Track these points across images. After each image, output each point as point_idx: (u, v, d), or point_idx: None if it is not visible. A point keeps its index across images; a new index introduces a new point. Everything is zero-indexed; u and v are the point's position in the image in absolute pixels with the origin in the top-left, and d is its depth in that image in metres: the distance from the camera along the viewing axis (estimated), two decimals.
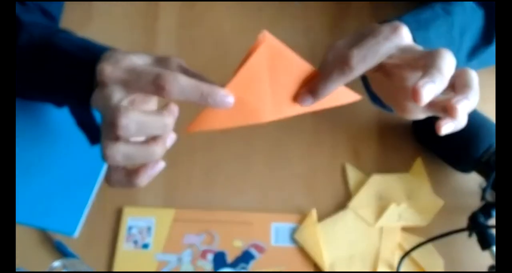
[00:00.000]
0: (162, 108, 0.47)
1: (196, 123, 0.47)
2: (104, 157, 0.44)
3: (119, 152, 0.44)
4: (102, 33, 0.78)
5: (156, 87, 0.43)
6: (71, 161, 0.68)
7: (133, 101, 0.46)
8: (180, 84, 0.44)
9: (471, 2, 0.63)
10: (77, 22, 0.79)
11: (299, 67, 0.49)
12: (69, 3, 0.77)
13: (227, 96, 0.45)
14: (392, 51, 0.49)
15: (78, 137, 0.69)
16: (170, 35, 0.78)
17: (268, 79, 0.47)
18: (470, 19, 0.62)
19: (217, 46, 0.77)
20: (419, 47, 0.50)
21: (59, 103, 0.60)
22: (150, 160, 0.46)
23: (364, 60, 0.48)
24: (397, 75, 0.52)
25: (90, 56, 0.52)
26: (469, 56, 0.63)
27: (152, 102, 0.50)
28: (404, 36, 0.49)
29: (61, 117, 0.71)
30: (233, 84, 0.46)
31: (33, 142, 0.69)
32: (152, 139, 0.46)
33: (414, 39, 0.54)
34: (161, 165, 0.48)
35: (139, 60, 0.47)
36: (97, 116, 0.57)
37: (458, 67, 0.62)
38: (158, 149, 0.46)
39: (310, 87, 0.49)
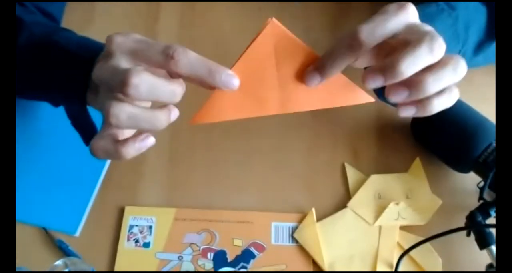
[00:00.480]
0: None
1: (200, 114, 0.46)
2: (106, 115, 0.43)
3: (125, 111, 0.43)
4: (103, 34, 0.78)
5: (165, 56, 0.43)
6: (72, 160, 0.69)
7: None
8: (190, 56, 0.43)
9: (474, 1, 0.63)
10: (78, 23, 0.79)
11: (307, 56, 0.47)
12: (70, 4, 0.78)
13: (233, 76, 0.45)
14: (400, 27, 0.46)
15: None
16: (170, 35, 0.78)
17: (275, 67, 0.46)
18: (474, 15, 0.62)
19: (218, 46, 0.77)
20: (426, 27, 0.47)
21: (56, 102, 0.59)
22: (152, 128, 0.44)
23: (373, 34, 0.45)
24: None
25: (88, 53, 0.51)
26: (475, 51, 0.63)
27: None
28: (411, 13, 0.47)
29: (63, 116, 0.71)
30: (237, 68, 0.45)
31: (34, 140, 0.70)
32: (158, 107, 0.45)
33: None
34: (151, 140, 0.46)
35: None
36: (93, 116, 0.58)
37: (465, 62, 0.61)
38: (163, 117, 0.45)
39: (317, 64, 0.46)
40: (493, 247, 0.56)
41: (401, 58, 0.43)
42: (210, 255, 0.63)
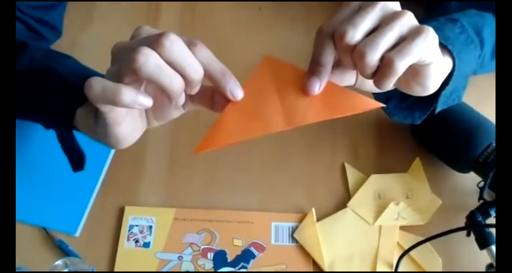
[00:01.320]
0: None
1: (205, 142, 0.47)
2: (134, 60, 0.42)
3: (154, 59, 0.42)
4: (103, 34, 0.79)
5: (189, 42, 0.44)
6: None
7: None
8: (206, 51, 0.45)
9: (473, 9, 0.63)
10: (79, 23, 0.79)
11: (303, 78, 0.48)
12: (71, 4, 0.78)
13: (239, 85, 0.46)
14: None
15: (81, 135, 0.70)
16: None
17: (276, 92, 0.48)
18: (480, 20, 0.61)
19: (218, 46, 0.76)
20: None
21: (47, 126, 0.59)
22: (169, 87, 0.43)
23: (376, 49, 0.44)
24: None
25: (82, 82, 0.49)
26: (492, 55, 0.62)
27: None
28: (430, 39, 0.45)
29: None
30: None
31: (34, 140, 0.70)
32: None
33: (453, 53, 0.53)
34: (149, 102, 0.44)
35: None
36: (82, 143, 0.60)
37: (484, 65, 0.61)
38: (179, 83, 0.44)
39: (310, 69, 0.47)
40: (493, 247, 0.56)
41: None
42: (210, 255, 0.63)
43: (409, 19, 0.44)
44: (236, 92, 0.47)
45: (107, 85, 0.43)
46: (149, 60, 0.42)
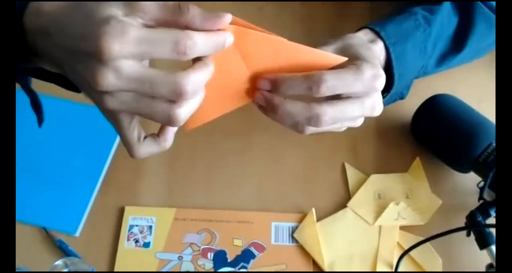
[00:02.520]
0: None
1: (190, 120, 0.46)
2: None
3: (134, 33, 0.39)
4: None
5: (177, 53, 0.40)
6: (72, 160, 0.69)
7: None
8: (199, 44, 0.41)
9: (449, 7, 0.64)
10: None
11: (271, 43, 0.48)
12: None
13: (230, 36, 0.44)
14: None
15: (81, 135, 0.70)
16: None
17: (242, 61, 0.47)
18: (445, 29, 0.63)
19: None
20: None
21: None
22: (175, 47, 0.40)
23: (334, 91, 0.49)
24: None
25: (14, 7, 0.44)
26: (438, 63, 0.65)
27: None
28: (379, 86, 0.51)
29: (63, 116, 0.71)
30: None
31: (34, 140, 0.70)
32: None
33: (390, 53, 0.56)
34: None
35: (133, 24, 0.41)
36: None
37: (427, 73, 0.65)
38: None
39: (273, 79, 0.49)
40: (493, 247, 0.56)
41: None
42: (210, 255, 0.63)
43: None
44: (230, 43, 0.44)
45: (153, 151, 0.46)
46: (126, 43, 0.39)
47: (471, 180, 0.64)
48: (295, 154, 0.70)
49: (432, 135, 0.66)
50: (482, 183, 0.60)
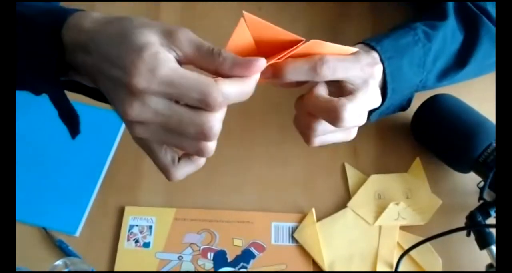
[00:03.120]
0: None
1: None
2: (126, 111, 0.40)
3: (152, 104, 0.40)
4: None
5: (205, 105, 0.40)
6: (72, 160, 0.69)
7: None
8: (227, 96, 0.41)
9: (455, 23, 0.64)
10: None
11: (285, 39, 0.48)
12: (70, 4, 0.78)
13: (261, 65, 0.43)
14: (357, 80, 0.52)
15: (81, 135, 0.70)
16: None
17: (256, 53, 0.47)
18: (448, 45, 0.63)
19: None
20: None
21: (33, 86, 0.51)
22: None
23: (334, 74, 0.50)
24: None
25: (54, 20, 0.44)
26: (439, 78, 0.64)
27: None
28: (376, 75, 0.53)
29: None
30: None
31: (34, 140, 0.70)
32: None
33: (385, 68, 0.57)
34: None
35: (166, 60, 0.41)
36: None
37: (427, 88, 0.65)
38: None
39: (276, 65, 0.49)
40: (493, 247, 0.56)
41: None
42: (210, 255, 0.63)
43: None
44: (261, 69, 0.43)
45: (190, 171, 0.47)
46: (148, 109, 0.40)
47: (471, 180, 0.64)
48: (295, 154, 0.70)
49: (432, 135, 0.66)
50: (482, 183, 0.60)
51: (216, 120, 0.41)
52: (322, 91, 0.52)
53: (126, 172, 0.69)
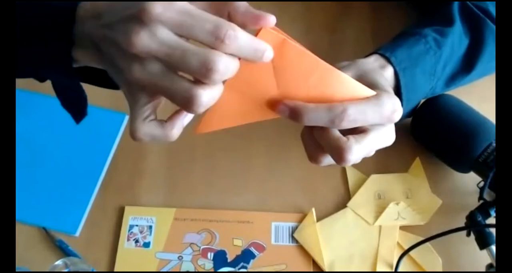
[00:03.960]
0: None
1: (203, 124, 0.45)
2: (132, 39, 0.38)
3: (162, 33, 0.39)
4: None
5: (215, 38, 0.39)
6: (72, 160, 0.69)
7: None
8: (240, 40, 0.39)
9: (461, 28, 0.64)
10: None
11: (308, 60, 0.45)
12: None
13: (271, 50, 0.41)
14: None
15: (81, 135, 0.70)
16: None
17: (272, 73, 0.44)
18: (456, 51, 0.63)
19: None
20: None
21: (39, 73, 0.50)
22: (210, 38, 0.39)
23: (355, 122, 0.47)
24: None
25: (68, 2, 0.44)
26: (448, 83, 0.65)
27: None
28: (396, 118, 0.50)
29: (63, 115, 0.71)
30: (235, 75, 0.42)
31: (34, 140, 0.70)
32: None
33: (400, 79, 0.56)
34: (190, 115, 0.44)
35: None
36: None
37: (435, 93, 0.64)
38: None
39: (294, 108, 0.46)
40: (493, 247, 0.56)
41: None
42: (210, 255, 0.63)
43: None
44: (268, 58, 0.41)
45: (154, 134, 0.43)
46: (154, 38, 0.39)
47: (471, 180, 0.64)
48: (295, 154, 0.70)
49: (432, 135, 0.66)
50: (482, 183, 0.60)
51: (222, 58, 0.39)
52: None
53: (126, 172, 0.69)
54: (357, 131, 0.48)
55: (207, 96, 0.40)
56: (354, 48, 0.77)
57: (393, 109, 0.48)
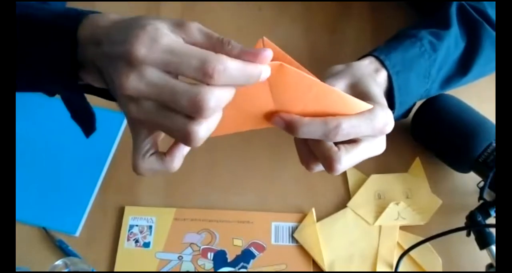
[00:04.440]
0: None
1: None
2: (120, 87, 0.39)
3: (149, 75, 0.39)
4: None
5: (203, 74, 0.38)
6: (72, 160, 0.69)
7: None
8: (229, 70, 0.39)
9: (457, 31, 0.64)
10: None
11: (305, 82, 0.45)
12: (70, 4, 0.78)
13: (266, 70, 0.41)
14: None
15: (81, 135, 0.70)
16: None
17: (271, 90, 0.45)
18: (452, 54, 0.63)
19: None
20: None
21: (47, 88, 0.52)
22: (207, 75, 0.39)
23: (348, 136, 0.48)
24: None
25: (70, 22, 0.45)
26: (442, 86, 0.65)
27: None
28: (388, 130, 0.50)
29: (64, 116, 0.71)
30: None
31: (34, 141, 0.70)
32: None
33: (393, 82, 0.57)
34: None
35: (170, 34, 0.41)
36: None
37: (430, 95, 0.64)
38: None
39: (289, 121, 0.47)
40: (493, 247, 0.56)
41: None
42: (210, 255, 0.63)
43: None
44: (264, 78, 0.42)
45: (156, 169, 0.44)
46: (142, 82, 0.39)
47: (471, 180, 0.64)
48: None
49: (432, 135, 0.66)
50: (482, 183, 0.60)
51: (213, 94, 0.39)
52: None
53: (126, 172, 0.69)
54: (348, 141, 0.49)
55: (204, 130, 0.41)
56: (354, 48, 0.77)
57: (385, 122, 0.49)
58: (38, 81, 0.49)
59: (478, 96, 0.68)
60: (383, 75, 0.58)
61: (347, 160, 0.49)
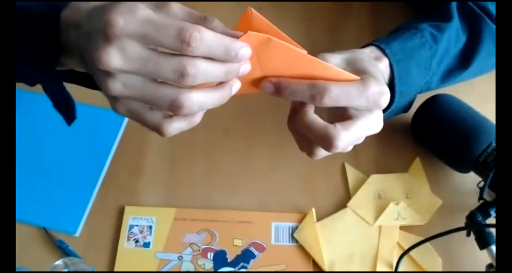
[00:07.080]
0: None
1: None
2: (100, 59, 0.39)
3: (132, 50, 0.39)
4: None
5: (181, 42, 0.39)
6: (72, 160, 0.69)
7: None
8: (207, 39, 0.39)
9: (459, 24, 0.64)
10: None
11: (290, 53, 0.46)
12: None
13: (247, 47, 0.42)
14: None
15: (81, 135, 0.70)
16: None
17: (258, 61, 0.45)
18: (453, 47, 0.63)
19: None
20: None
21: (27, 76, 0.51)
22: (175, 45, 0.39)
23: (337, 101, 0.48)
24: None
25: (52, 10, 0.45)
26: (443, 79, 0.65)
27: None
28: (383, 104, 0.50)
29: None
30: None
31: (34, 140, 0.70)
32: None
33: (394, 71, 0.57)
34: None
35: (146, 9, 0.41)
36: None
37: (431, 89, 0.65)
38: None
39: (277, 82, 0.47)
40: (493, 247, 0.56)
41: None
42: (210, 255, 0.63)
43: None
44: (246, 56, 0.42)
45: (183, 127, 0.44)
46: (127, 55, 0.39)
47: (471, 180, 0.64)
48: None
49: (432, 135, 0.66)
50: (482, 183, 0.60)
51: (195, 62, 0.39)
52: (313, 114, 0.50)
53: (126, 172, 0.69)
54: (344, 118, 0.49)
55: (193, 96, 0.41)
56: (354, 48, 0.77)
57: (379, 92, 0.49)
58: (18, 70, 0.48)
59: (478, 96, 0.68)
60: (384, 63, 0.57)
61: (346, 136, 0.48)
